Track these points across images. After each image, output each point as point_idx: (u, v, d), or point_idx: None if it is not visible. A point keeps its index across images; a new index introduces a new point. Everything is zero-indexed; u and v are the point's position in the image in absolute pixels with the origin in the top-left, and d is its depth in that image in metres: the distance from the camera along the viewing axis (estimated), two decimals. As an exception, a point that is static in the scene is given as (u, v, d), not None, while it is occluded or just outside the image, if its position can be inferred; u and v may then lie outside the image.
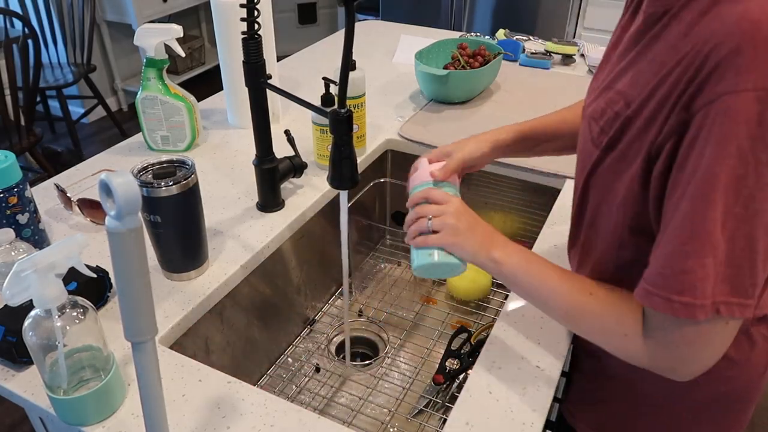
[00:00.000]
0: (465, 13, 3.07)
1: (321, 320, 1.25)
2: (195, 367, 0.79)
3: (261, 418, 0.72)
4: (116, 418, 0.72)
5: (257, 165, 1.03)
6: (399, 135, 1.32)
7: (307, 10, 4.46)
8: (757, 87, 0.50)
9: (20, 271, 0.59)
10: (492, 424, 0.72)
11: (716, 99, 0.52)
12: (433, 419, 1.02)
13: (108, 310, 0.87)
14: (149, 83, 1.18)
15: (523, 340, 0.84)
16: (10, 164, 0.87)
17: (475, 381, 0.78)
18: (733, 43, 0.51)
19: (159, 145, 1.26)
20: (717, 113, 0.52)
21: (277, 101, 1.35)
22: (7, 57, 2.30)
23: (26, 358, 0.76)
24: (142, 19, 3.33)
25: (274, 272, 1.06)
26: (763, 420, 1.88)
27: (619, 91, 0.65)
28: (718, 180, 0.53)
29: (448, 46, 1.52)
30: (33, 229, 0.93)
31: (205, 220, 0.92)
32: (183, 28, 1.18)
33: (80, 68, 3.15)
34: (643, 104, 0.61)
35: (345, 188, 0.84)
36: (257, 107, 0.97)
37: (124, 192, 0.47)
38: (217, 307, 0.93)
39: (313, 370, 1.13)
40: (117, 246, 0.49)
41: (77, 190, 1.14)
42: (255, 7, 0.88)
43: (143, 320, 0.53)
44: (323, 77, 1.04)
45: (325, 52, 1.81)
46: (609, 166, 0.67)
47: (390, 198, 1.43)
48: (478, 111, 1.42)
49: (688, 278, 0.56)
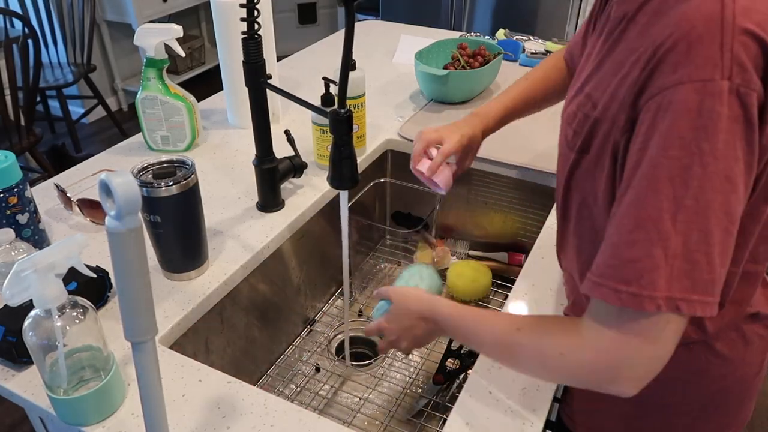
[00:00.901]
0: (465, 13, 3.07)
1: (321, 320, 1.25)
2: (195, 367, 0.79)
3: (261, 418, 0.72)
4: (116, 418, 0.72)
5: (257, 165, 1.03)
6: (399, 135, 1.32)
7: (307, 10, 4.46)
8: (693, 78, 0.52)
9: (20, 271, 0.59)
10: (492, 424, 0.72)
11: (657, 94, 0.54)
12: (433, 419, 1.02)
13: (108, 310, 0.87)
14: (149, 83, 1.18)
15: (523, 340, 0.83)
16: (10, 164, 0.87)
17: (475, 381, 0.78)
18: (671, 41, 0.54)
19: (159, 145, 1.26)
20: (659, 107, 0.54)
21: (277, 101, 1.35)
22: (7, 57, 2.30)
23: (26, 358, 0.76)
24: (142, 19, 3.33)
25: (274, 272, 1.06)
26: (762, 420, 1.88)
27: (588, 94, 0.67)
28: (662, 170, 0.54)
29: (448, 46, 1.52)
30: (33, 229, 0.93)
31: (206, 220, 0.92)
32: (183, 28, 1.18)
33: (80, 68, 3.15)
34: (606, 105, 0.62)
35: (345, 188, 0.84)
36: (257, 107, 0.97)
37: (124, 192, 0.47)
38: (217, 307, 0.93)
39: (313, 370, 1.13)
40: (117, 246, 0.49)
41: (77, 190, 1.14)
42: (255, 7, 0.88)
43: (143, 320, 0.53)
44: (323, 77, 1.05)
45: (325, 52, 1.81)
46: (585, 169, 0.69)
47: (390, 198, 1.43)
48: (478, 111, 1.41)
49: (636, 267, 0.55)
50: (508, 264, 1.29)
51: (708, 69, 0.52)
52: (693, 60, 0.52)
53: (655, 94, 0.55)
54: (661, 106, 0.54)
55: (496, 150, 1.22)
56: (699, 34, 0.52)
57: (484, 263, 1.25)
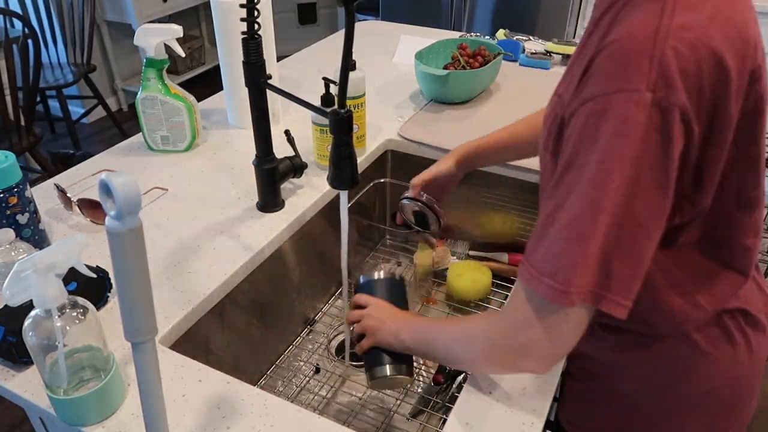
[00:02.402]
0: (465, 13, 3.07)
1: (321, 320, 1.25)
2: (195, 367, 0.79)
3: (261, 418, 0.72)
4: (116, 418, 0.72)
5: (257, 165, 1.03)
6: (399, 135, 1.32)
7: (307, 10, 4.46)
8: (621, 88, 0.55)
9: (20, 271, 0.59)
10: (492, 424, 0.72)
11: (589, 99, 0.57)
12: (433, 419, 1.02)
13: (108, 310, 0.87)
14: (149, 83, 1.18)
15: (523, 340, 0.84)
16: (10, 164, 0.87)
17: (475, 381, 0.78)
18: (609, 50, 0.57)
19: (159, 146, 1.26)
20: (589, 112, 0.57)
21: (277, 101, 1.35)
22: (7, 57, 2.30)
23: (26, 358, 0.76)
24: (142, 19, 3.33)
25: (274, 272, 1.06)
26: (762, 421, 1.88)
27: (559, 94, 0.69)
28: (586, 173, 0.57)
29: (448, 46, 1.52)
30: (33, 229, 0.93)
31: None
32: (183, 28, 1.18)
33: (80, 68, 3.15)
34: (566, 107, 0.64)
35: (345, 188, 0.84)
36: (257, 107, 0.97)
37: (124, 192, 0.47)
38: (217, 307, 0.93)
39: (313, 370, 1.14)
40: (117, 246, 0.49)
41: (77, 190, 1.14)
42: (255, 7, 0.88)
43: (143, 320, 0.53)
44: (323, 77, 1.05)
45: (325, 52, 1.81)
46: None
47: (390, 198, 1.43)
48: (478, 111, 1.42)
49: (555, 263, 0.59)
50: (508, 264, 1.29)
51: (635, 80, 0.54)
52: (623, 70, 0.55)
53: (587, 99, 0.58)
54: (591, 111, 0.57)
55: (496, 150, 1.22)
56: (632, 46, 0.55)
57: (484, 263, 1.25)
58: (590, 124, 0.57)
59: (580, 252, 0.57)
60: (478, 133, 1.08)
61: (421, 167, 1.08)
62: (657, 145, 0.55)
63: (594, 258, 0.57)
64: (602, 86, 0.56)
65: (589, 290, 0.58)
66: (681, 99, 0.54)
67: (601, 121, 0.56)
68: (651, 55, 0.54)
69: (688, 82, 0.55)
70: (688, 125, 0.56)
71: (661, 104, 0.54)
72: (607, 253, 0.57)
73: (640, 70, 0.54)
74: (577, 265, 0.58)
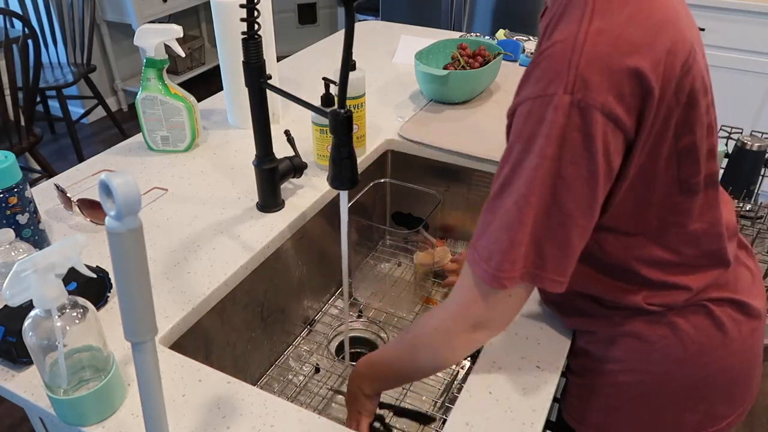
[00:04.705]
0: (465, 13, 3.07)
1: (321, 320, 1.25)
2: (195, 367, 0.79)
3: (261, 418, 0.72)
4: (116, 418, 0.72)
5: (257, 165, 1.03)
6: (399, 135, 1.32)
7: (307, 10, 4.46)
8: (545, 92, 0.61)
9: (20, 271, 0.59)
10: (492, 424, 0.72)
11: (521, 103, 0.63)
12: (433, 419, 1.02)
13: (108, 310, 0.87)
14: (149, 83, 1.18)
15: (523, 340, 0.84)
16: (10, 164, 0.88)
17: (475, 381, 0.78)
18: (540, 58, 0.63)
19: (159, 146, 1.26)
20: (519, 115, 0.64)
21: (277, 101, 1.35)
22: (7, 57, 2.30)
23: (26, 358, 0.76)
24: (142, 19, 3.33)
25: (274, 272, 1.06)
26: (762, 419, 1.88)
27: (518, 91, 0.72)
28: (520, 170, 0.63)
29: (448, 47, 1.52)
30: (33, 229, 0.93)
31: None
32: (183, 28, 1.19)
33: (80, 68, 3.15)
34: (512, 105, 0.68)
35: (345, 188, 0.84)
36: (257, 107, 0.97)
37: (124, 192, 0.47)
38: (217, 307, 0.93)
39: (313, 370, 1.14)
40: (117, 246, 0.49)
41: (77, 190, 1.14)
42: (255, 7, 0.88)
43: (143, 320, 0.53)
44: (323, 77, 1.05)
45: (325, 52, 1.81)
46: None
47: (390, 198, 1.43)
48: (478, 111, 1.42)
49: (491, 249, 0.65)
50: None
51: (554, 84, 0.60)
52: (546, 75, 0.61)
53: (520, 102, 0.64)
54: (521, 112, 0.63)
55: (496, 150, 1.22)
56: (555, 53, 0.61)
57: (484, 263, 1.25)
58: (520, 124, 0.63)
59: (508, 240, 0.64)
60: (478, 133, 1.08)
61: (421, 167, 1.08)
62: (578, 143, 0.60)
63: (525, 244, 0.64)
64: (529, 90, 0.63)
65: (526, 271, 0.65)
66: (601, 99, 0.59)
67: (527, 122, 0.62)
68: (569, 59, 0.59)
69: (607, 82, 0.59)
70: (617, 121, 0.60)
71: (580, 105, 0.59)
72: (539, 239, 0.64)
73: (559, 75, 0.60)
74: (506, 252, 0.64)
